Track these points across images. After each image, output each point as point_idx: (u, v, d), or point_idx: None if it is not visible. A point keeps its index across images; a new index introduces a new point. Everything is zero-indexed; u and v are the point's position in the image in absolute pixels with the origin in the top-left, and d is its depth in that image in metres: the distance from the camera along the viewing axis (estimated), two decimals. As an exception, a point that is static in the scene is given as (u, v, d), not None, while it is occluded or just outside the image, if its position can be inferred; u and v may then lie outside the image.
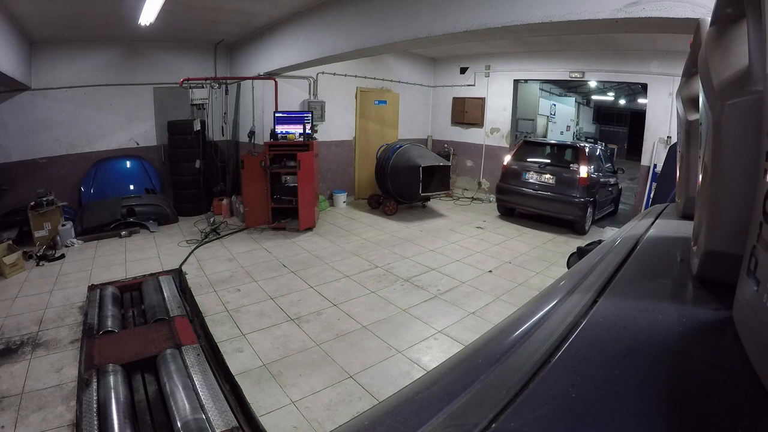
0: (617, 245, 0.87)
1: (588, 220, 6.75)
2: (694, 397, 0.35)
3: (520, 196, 7.14)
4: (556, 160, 7.01)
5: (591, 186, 6.52)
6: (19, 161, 6.13)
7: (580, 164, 6.53)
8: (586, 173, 6.45)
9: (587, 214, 6.62)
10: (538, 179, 6.90)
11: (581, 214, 6.53)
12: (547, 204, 6.77)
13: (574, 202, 6.49)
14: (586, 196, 6.48)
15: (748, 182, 0.41)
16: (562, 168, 6.76)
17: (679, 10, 2.24)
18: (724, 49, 0.52)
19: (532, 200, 6.99)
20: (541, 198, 6.84)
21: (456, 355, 0.51)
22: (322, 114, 7.55)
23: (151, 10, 4.52)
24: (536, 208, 7.00)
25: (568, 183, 6.55)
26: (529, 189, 6.98)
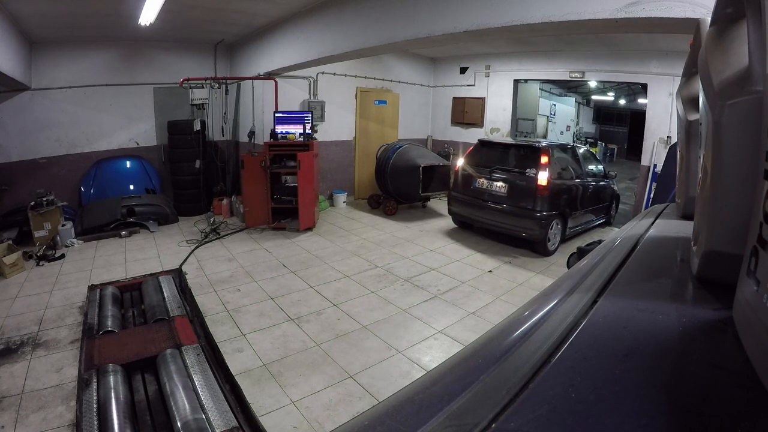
0: (617, 245, 0.87)
1: (553, 239, 5.61)
2: (694, 397, 0.35)
3: (469, 207, 6.06)
4: (510, 164, 5.82)
5: (555, 195, 5.39)
6: (19, 161, 6.13)
7: (539, 169, 5.32)
8: (546, 180, 5.27)
9: (550, 231, 5.48)
10: (489, 187, 5.78)
11: (540, 231, 5.36)
12: (500, 217, 5.66)
13: (531, 215, 5.35)
14: (547, 209, 5.32)
15: (748, 182, 0.41)
16: (516, 174, 5.60)
17: (679, 10, 2.24)
18: (724, 49, 0.52)
19: (482, 213, 5.88)
20: (492, 210, 5.72)
21: (456, 355, 0.51)
22: (322, 114, 7.55)
23: (151, 10, 4.52)
24: (488, 222, 5.89)
25: (523, 192, 5.44)
26: (478, 199, 5.88)
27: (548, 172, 5.33)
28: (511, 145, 6.11)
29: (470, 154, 6.32)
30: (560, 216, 5.59)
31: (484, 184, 5.88)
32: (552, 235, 5.55)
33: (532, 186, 5.36)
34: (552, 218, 5.42)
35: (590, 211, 6.36)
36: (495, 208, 5.71)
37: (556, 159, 5.67)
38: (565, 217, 5.67)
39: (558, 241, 5.72)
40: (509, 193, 5.60)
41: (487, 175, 5.87)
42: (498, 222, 5.75)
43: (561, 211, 5.56)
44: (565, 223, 5.72)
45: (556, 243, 5.69)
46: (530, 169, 5.45)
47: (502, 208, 5.63)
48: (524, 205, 5.42)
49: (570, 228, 5.86)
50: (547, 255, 5.55)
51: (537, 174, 5.34)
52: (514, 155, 5.93)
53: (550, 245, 5.58)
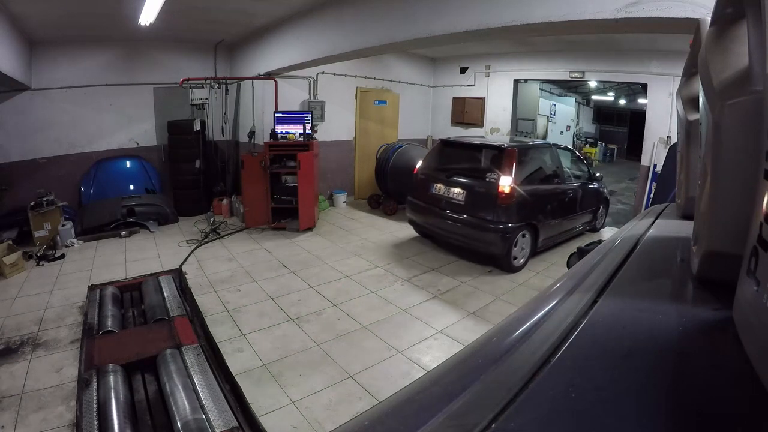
0: (617, 245, 0.87)
1: (520, 253, 4.91)
2: (694, 397, 0.35)
3: (426, 215, 5.35)
4: (470, 167, 5.11)
5: (523, 203, 4.70)
6: (19, 161, 6.13)
7: (502, 173, 4.61)
8: (509, 186, 4.55)
9: (516, 245, 4.77)
10: (446, 194, 5.06)
11: (502, 246, 4.65)
12: (457, 229, 4.98)
13: (490, 227, 4.63)
14: (511, 219, 4.62)
15: (748, 182, 0.41)
16: (475, 179, 4.89)
17: (679, 10, 2.24)
18: (724, 49, 0.52)
19: (439, 223, 5.19)
20: (449, 220, 5.01)
21: (456, 355, 0.51)
22: (322, 114, 7.55)
23: (151, 10, 4.52)
24: (444, 234, 5.24)
25: (482, 200, 4.74)
26: (435, 207, 5.18)
27: (512, 177, 4.61)
28: (474, 145, 5.37)
29: (430, 154, 5.67)
30: (529, 227, 4.92)
31: (441, 190, 5.15)
32: (518, 250, 4.86)
33: (492, 193, 4.63)
34: (518, 230, 4.71)
35: (571, 218, 5.70)
36: (452, 217, 4.99)
37: (527, 161, 5.01)
38: (537, 227, 4.99)
39: (527, 255, 5.03)
40: (467, 200, 4.86)
41: (445, 180, 5.14)
42: (455, 234, 5.06)
43: (531, 221, 4.89)
44: (536, 234, 5.04)
45: (524, 258, 5.00)
46: (491, 173, 4.74)
47: (460, 218, 4.90)
48: (483, 216, 4.70)
49: (544, 239, 5.20)
50: (512, 272, 4.85)
51: (498, 179, 4.62)
52: (476, 157, 5.20)
53: (516, 261, 4.88)
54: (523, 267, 5.01)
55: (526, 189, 4.77)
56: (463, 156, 5.40)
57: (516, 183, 4.64)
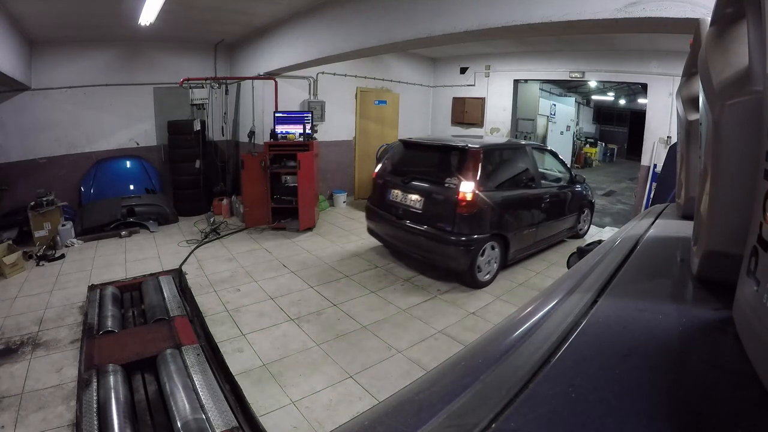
0: (617, 245, 0.87)
1: (487, 267, 4.41)
2: (694, 397, 0.35)
3: (384, 224, 4.84)
4: (430, 171, 4.58)
5: (488, 212, 4.19)
6: (19, 161, 6.13)
7: (462, 178, 4.13)
8: (471, 193, 4.06)
9: (481, 258, 4.28)
10: (403, 201, 4.56)
11: (463, 260, 4.16)
12: (414, 240, 4.46)
13: (449, 239, 4.13)
14: (473, 230, 4.11)
15: (748, 182, 0.41)
16: (434, 184, 4.38)
17: (679, 10, 2.24)
18: (724, 49, 0.52)
19: (396, 233, 4.69)
20: (406, 230, 4.50)
21: (456, 355, 0.52)
22: (322, 114, 7.55)
23: (151, 10, 4.52)
24: (403, 245, 4.74)
25: (441, 208, 4.24)
26: (392, 216, 4.68)
27: (476, 183, 4.11)
28: (435, 146, 4.80)
29: (391, 156, 5.17)
30: (498, 237, 4.40)
31: (398, 196, 4.63)
32: (484, 263, 4.35)
33: (452, 201, 4.12)
34: (482, 241, 4.21)
35: (548, 225, 5.19)
36: (409, 228, 4.46)
37: (494, 164, 4.51)
38: (506, 237, 4.48)
39: (496, 268, 4.54)
40: (425, 209, 4.36)
41: (402, 186, 4.62)
42: (412, 246, 4.56)
43: (499, 231, 4.37)
44: (505, 245, 4.54)
45: (491, 271, 4.49)
46: (451, 178, 4.23)
47: (417, 228, 4.38)
48: (442, 226, 4.19)
49: (516, 250, 4.70)
50: (478, 288, 4.39)
51: (459, 185, 4.10)
52: (437, 160, 4.65)
53: (481, 276, 4.38)
54: (491, 282, 4.51)
55: (493, 195, 4.26)
56: (424, 158, 4.85)
57: (480, 189, 4.13)
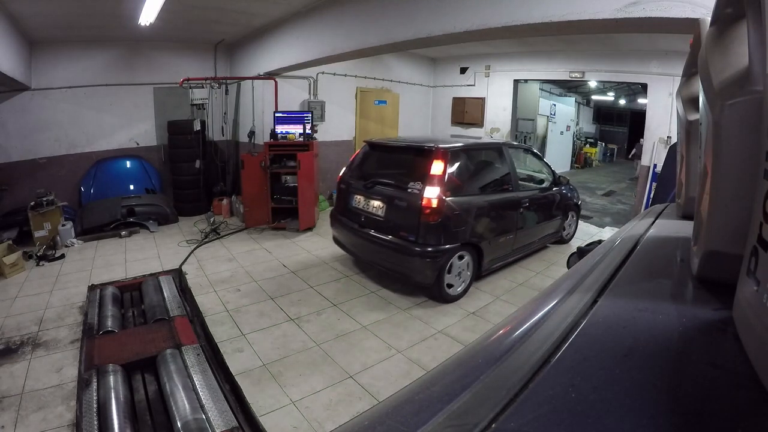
0: (617, 245, 0.87)
1: (458, 279, 4.05)
2: (694, 397, 0.35)
3: (347, 233, 4.48)
4: (394, 175, 4.23)
5: (457, 219, 3.83)
6: (19, 161, 6.13)
7: (427, 181, 3.77)
8: (436, 198, 3.70)
9: (450, 270, 3.93)
10: (366, 207, 4.24)
11: (430, 273, 3.80)
12: (377, 250, 4.09)
13: (414, 251, 3.76)
14: (440, 240, 3.76)
15: (748, 182, 0.41)
16: (396, 189, 4.02)
17: (679, 10, 2.24)
18: (724, 49, 0.52)
19: (359, 243, 4.35)
20: (368, 240, 4.14)
21: (456, 355, 0.52)
22: (322, 114, 7.55)
23: (151, 10, 4.52)
24: (365, 256, 4.43)
25: (403, 216, 3.88)
26: (355, 224, 4.35)
27: (442, 187, 3.74)
28: (400, 147, 4.47)
29: (355, 159, 4.80)
30: (469, 246, 4.04)
31: (361, 202, 4.30)
32: (453, 275, 4.00)
33: (415, 208, 3.76)
34: (451, 252, 3.84)
35: (528, 231, 4.85)
36: (371, 237, 4.10)
37: (465, 166, 4.14)
38: (479, 246, 4.13)
39: (468, 281, 4.18)
40: (387, 217, 4.01)
41: (364, 191, 4.29)
42: (375, 257, 4.21)
43: (471, 240, 4.01)
44: (479, 255, 4.19)
45: (463, 284, 4.13)
46: (414, 182, 3.84)
47: (379, 238, 4.02)
48: (406, 236, 3.82)
49: (491, 260, 4.35)
50: (448, 302, 4.04)
51: (423, 190, 3.74)
52: (402, 162, 4.32)
53: (451, 290, 4.03)
54: (463, 295, 4.16)
55: (463, 201, 3.89)
56: (389, 161, 4.53)
57: (448, 194, 3.76)
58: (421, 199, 3.74)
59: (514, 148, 5.04)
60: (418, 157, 4.06)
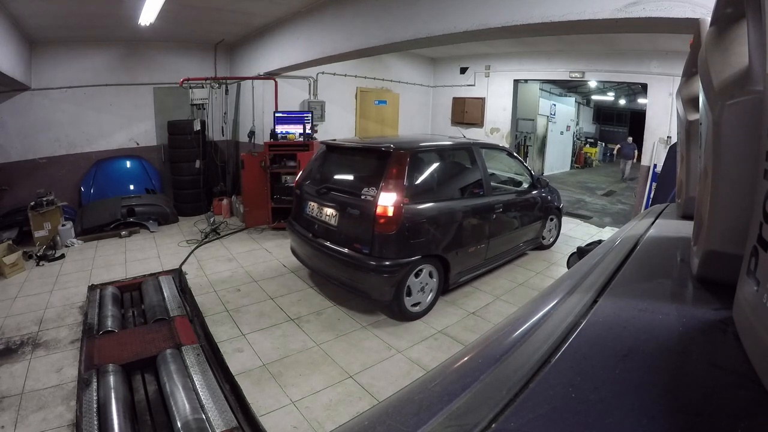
0: (617, 245, 0.87)
1: (420, 295, 3.67)
2: (694, 397, 0.35)
3: (301, 242, 4.11)
4: (349, 179, 3.93)
5: (416, 230, 3.45)
6: (19, 161, 6.13)
7: (382, 187, 3.39)
8: (393, 206, 3.32)
9: (410, 285, 3.55)
10: (319, 216, 3.86)
11: (385, 290, 3.43)
12: (330, 263, 3.72)
13: (368, 265, 3.37)
14: (397, 254, 3.38)
15: (748, 182, 0.41)
16: (350, 195, 3.64)
17: (679, 10, 2.24)
18: (724, 49, 0.52)
19: (312, 254, 3.98)
20: (321, 252, 3.77)
21: (456, 355, 0.52)
22: (322, 114, 7.55)
23: (151, 10, 4.52)
24: (318, 269, 4.03)
25: (356, 225, 3.52)
26: (308, 233, 3.97)
27: (399, 193, 3.37)
28: (357, 149, 4.12)
29: (312, 163, 4.37)
30: (433, 259, 3.67)
31: (314, 210, 3.93)
32: (415, 290, 3.62)
33: (369, 216, 3.38)
34: (411, 265, 3.47)
35: (502, 239, 4.47)
36: (324, 248, 3.71)
37: (427, 169, 3.78)
38: (445, 258, 3.75)
39: (432, 296, 3.79)
40: (341, 225, 3.63)
41: (318, 198, 3.90)
42: (328, 270, 3.81)
43: (435, 251, 3.64)
44: (444, 267, 3.82)
45: (426, 300, 3.75)
46: (369, 188, 3.47)
47: (332, 249, 3.64)
48: (359, 247, 3.45)
49: (459, 272, 3.98)
50: (408, 320, 3.67)
51: (377, 197, 3.36)
52: (359, 165, 3.99)
53: (413, 307, 3.66)
54: (428, 311, 3.79)
55: (425, 208, 3.53)
56: (346, 164, 4.16)
57: (407, 201, 3.40)
58: (375, 206, 3.35)
59: (487, 149, 4.67)
60: (375, 159, 3.69)
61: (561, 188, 11.00)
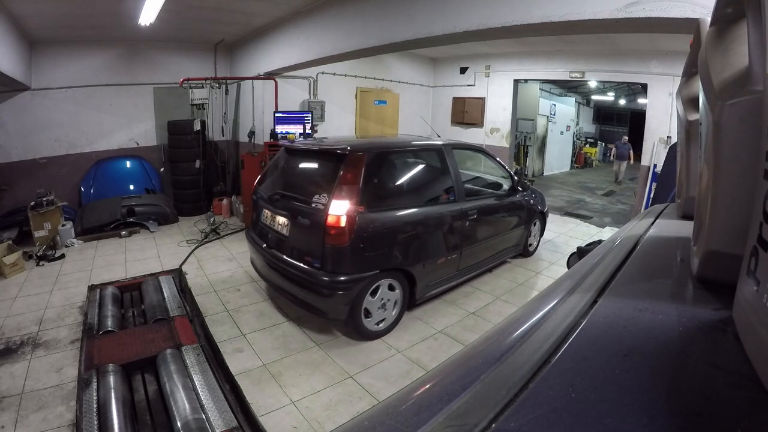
0: (617, 245, 0.87)
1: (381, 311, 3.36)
2: (694, 397, 0.35)
3: (255, 253, 3.86)
4: (301, 186, 3.58)
5: (374, 241, 3.15)
6: (19, 161, 6.13)
7: (335, 193, 3.05)
8: (346, 215, 2.99)
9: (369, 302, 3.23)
10: (272, 224, 3.56)
11: (339, 308, 3.13)
12: (282, 276, 3.42)
13: (320, 281, 3.05)
14: (351, 268, 3.06)
15: (748, 182, 0.41)
16: (301, 202, 3.30)
17: (679, 10, 2.24)
18: (724, 49, 0.52)
19: (264, 265, 3.70)
20: (272, 263, 3.51)
21: (456, 355, 0.52)
22: (322, 114, 7.56)
23: (151, 10, 4.52)
24: (272, 281, 3.71)
25: (306, 236, 3.20)
26: (262, 242, 3.69)
27: (353, 201, 3.03)
28: (313, 151, 3.74)
29: (270, 166, 4.09)
30: (396, 272, 3.35)
31: (268, 218, 3.62)
32: (375, 307, 3.30)
33: (319, 226, 3.04)
34: (369, 280, 3.15)
35: (478, 248, 4.14)
36: (275, 260, 3.44)
37: (388, 173, 3.47)
38: (410, 272, 3.42)
39: (396, 312, 3.48)
40: (292, 236, 3.32)
41: (271, 205, 3.61)
42: (281, 284, 3.50)
43: (397, 264, 3.32)
44: (410, 282, 3.49)
45: (390, 317, 3.44)
46: (320, 195, 3.14)
47: (284, 261, 3.35)
48: (310, 261, 3.13)
49: (426, 285, 3.65)
50: (369, 339, 3.36)
51: (328, 205, 3.03)
52: (311, 169, 3.68)
53: (374, 324, 3.35)
54: (391, 329, 3.48)
55: (385, 217, 3.21)
56: (303, 168, 3.80)
57: (364, 209, 3.06)
58: (326, 215, 3.00)
59: (460, 149, 4.32)
60: (330, 163, 3.35)
61: (561, 188, 11.02)
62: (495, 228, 4.40)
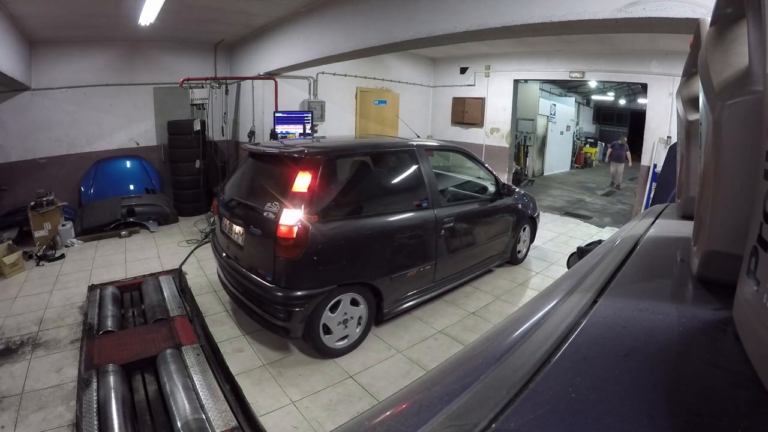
0: (617, 245, 0.87)
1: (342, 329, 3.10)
2: (694, 397, 0.35)
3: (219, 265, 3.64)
4: (257, 192, 3.31)
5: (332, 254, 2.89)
6: (19, 161, 6.13)
7: (288, 201, 2.80)
8: (298, 225, 2.73)
9: (322, 320, 2.95)
10: (230, 233, 3.33)
11: (293, 324, 2.84)
12: (237, 290, 3.24)
13: (273, 295, 2.82)
14: (304, 282, 2.82)
15: (748, 182, 0.41)
16: (254, 211, 3.07)
17: (679, 10, 2.24)
18: (724, 49, 0.52)
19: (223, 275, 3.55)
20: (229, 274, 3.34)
21: (456, 355, 0.52)
22: (322, 114, 7.56)
23: (151, 10, 4.52)
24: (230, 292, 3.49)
25: (259, 247, 3.00)
26: (222, 252, 3.52)
27: (306, 209, 2.76)
28: (269, 154, 3.43)
29: (233, 171, 3.90)
30: (359, 286, 3.11)
31: (227, 227, 3.37)
32: (335, 324, 3.04)
33: (270, 237, 2.80)
34: (326, 296, 2.89)
35: (458, 257, 3.90)
36: (232, 271, 3.26)
37: (349, 178, 3.25)
38: (375, 286, 3.17)
39: (361, 330, 3.23)
40: (246, 246, 3.12)
41: (228, 212, 3.40)
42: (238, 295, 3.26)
43: (360, 278, 3.08)
44: (376, 297, 3.25)
45: (354, 334, 3.19)
46: (272, 203, 2.89)
47: (238, 272, 3.16)
48: (263, 274, 2.92)
49: (395, 300, 3.39)
50: (330, 357, 3.10)
51: (279, 214, 2.78)
52: (267, 174, 3.40)
53: (335, 342, 3.09)
54: (355, 347, 3.23)
55: (344, 226, 2.96)
56: (262, 173, 3.49)
57: (316, 218, 2.79)
58: (277, 226, 2.74)
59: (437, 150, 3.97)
60: (285, 167, 3.04)
61: (561, 188, 11.02)
62: (476, 236, 4.10)
